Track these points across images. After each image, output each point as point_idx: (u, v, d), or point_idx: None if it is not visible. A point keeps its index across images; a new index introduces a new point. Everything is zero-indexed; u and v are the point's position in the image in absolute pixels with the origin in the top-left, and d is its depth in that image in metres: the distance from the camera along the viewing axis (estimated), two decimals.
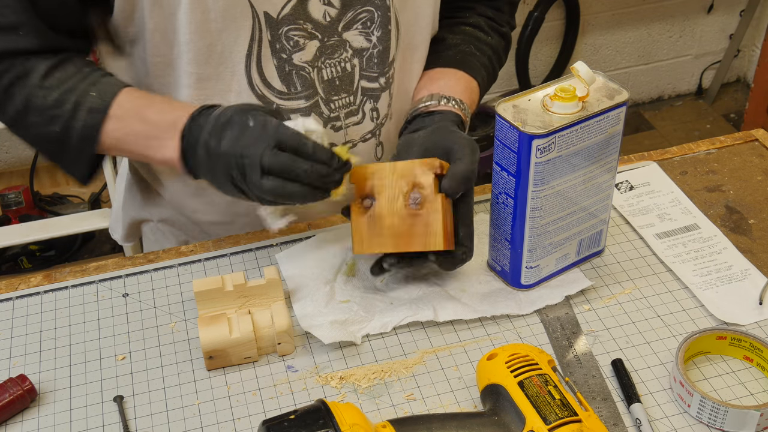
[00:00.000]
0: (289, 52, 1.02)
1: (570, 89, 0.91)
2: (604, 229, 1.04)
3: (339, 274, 1.04)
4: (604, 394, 0.90)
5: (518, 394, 0.82)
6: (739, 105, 3.31)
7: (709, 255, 1.06)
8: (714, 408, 0.85)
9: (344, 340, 0.95)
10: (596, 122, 0.93)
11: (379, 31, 1.05)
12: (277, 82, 1.04)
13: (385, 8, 1.04)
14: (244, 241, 1.12)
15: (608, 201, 1.02)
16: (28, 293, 1.05)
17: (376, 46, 1.06)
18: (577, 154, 0.93)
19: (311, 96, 1.06)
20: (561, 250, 1.01)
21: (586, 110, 0.92)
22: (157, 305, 1.03)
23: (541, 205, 0.95)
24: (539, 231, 0.97)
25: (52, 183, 2.68)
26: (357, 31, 1.05)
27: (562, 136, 0.91)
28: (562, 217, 0.98)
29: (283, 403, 0.90)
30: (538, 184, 0.93)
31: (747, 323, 0.97)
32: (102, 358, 0.96)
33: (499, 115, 0.92)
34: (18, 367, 0.96)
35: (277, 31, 1.00)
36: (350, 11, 1.03)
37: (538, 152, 0.90)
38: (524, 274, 1.00)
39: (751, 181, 1.19)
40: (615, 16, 3.08)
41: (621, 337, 0.96)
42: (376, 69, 1.08)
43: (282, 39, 1.01)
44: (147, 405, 0.91)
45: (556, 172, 0.93)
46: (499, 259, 1.02)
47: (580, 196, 0.97)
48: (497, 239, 1.01)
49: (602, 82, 0.96)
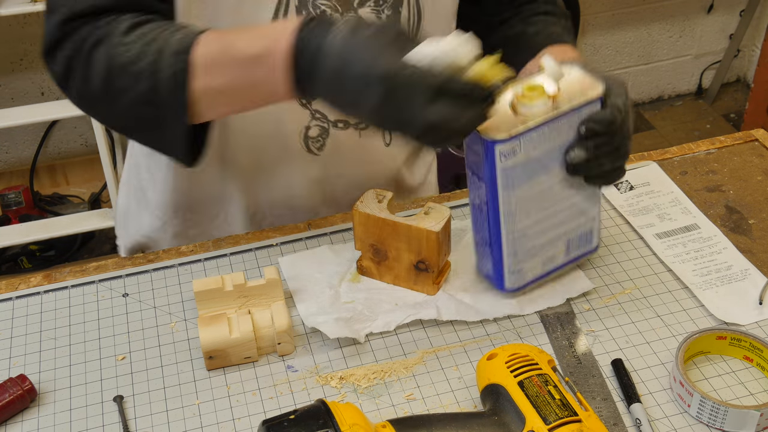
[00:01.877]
0: None
1: (538, 87, 0.86)
2: (594, 226, 1.01)
3: (344, 281, 1.04)
4: (604, 394, 0.90)
5: (518, 394, 0.81)
6: (739, 105, 3.31)
7: (709, 255, 1.06)
8: (714, 408, 0.85)
9: (348, 336, 0.95)
10: (567, 121, 0.88)
11: (390, 11, 1.04)
12: None
13: None
14: (244, 241, 1.12)
15: (595, 197, 0.98)
16: (28, 293, 1.05)
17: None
18: (549, 154, 0.90)
19: None
20: (546, 253, 0.98)
21: (557, 108, 0.87)
22: (157, 305, 1.03)
23: (514, 210, 0.91)
24: (517, 235, 0.94)
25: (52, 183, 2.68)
26: (369, 8, 1.04)
27: (528, 139, 0.87)
28: (542, 219, 0.95)
29: (283, 403, 0.90)
30: (507, 188, 0.89)
31: (747, 323, 0.97)
32: (102, 358, 0.96)
33: None
34: (18, 367, 0.96)
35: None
36: None
37: (502, 157, 0.87)
38: (508, 278, 0.97)
39: (751, 181, 1.19)
40: (615, 16, 3.08)
41: (621, 337, 0.96)
42: None
43: (309, 6, 0.99)
44: (147, 405, 0.91)
45: (525, 175, 0.89)
46: (483, 263, 1.00)
47: (559, 196, 0.94)
48: (479, 244, 0.98)
49: (578, 76, 0.90)
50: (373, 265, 1.02)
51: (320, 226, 1.13)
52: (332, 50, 0.81)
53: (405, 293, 1.02)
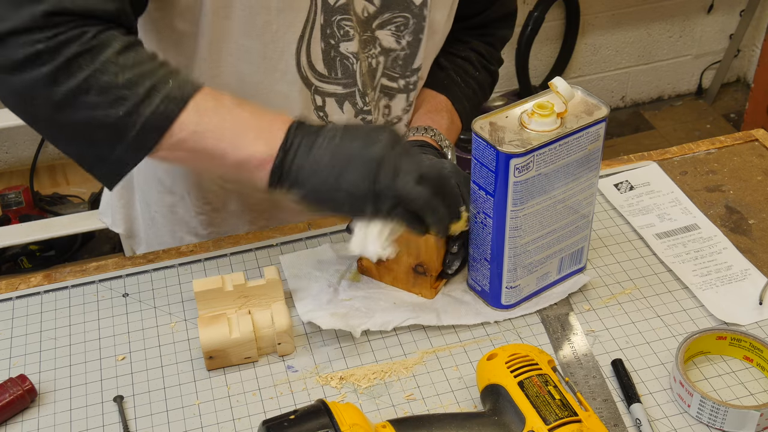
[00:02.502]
0: (337, 40, 1.03)
1: (548, 105, 0.89)
2: (585, 246, 1.02)
3: (343, 279, 1.04)
4: (604, 394, 0.90)
5: (518, 395, 0.81)
6: (739, 105, 3.30)
7: (709, 255, 1.06)
8: (714, 408, 0.85)
9: (343, 329, 0.95)
10: (575, 139, 0.90)
11: (411, 36, 1.08)
12: (321, 64, 1.04)
13: (421, 17, 1.06)
14: (244, 241, 1.12)
15: (589, 218, 1.00)
16: (28, 293, 1.05)
17: (404, 50, 1.09)
18: (556, 172, 0.91)
19: (350, 85, 1.08)
20: (542, 269, 0.99)
21: (565, 127, 0.89)
22: (157, 305, 1.03)
23: (520, 225, 0.92)
24: (519, 251, 0.95)
25: (52, 183, 2.68)
26: (389, 32, 1.06)
27: (540, 155, 0.88)
28: (543, 235, 0.96)
29: (283, 403, 0.90)
30: (516, 203, 0.90)
31: (747, 323, 0.97)
32: (102, 358, 0.96)
33: (476, 133, 0.89)
34: (18, 367, 0.96)
35: (330, 18, 1.01)
36: (387, 12, 1.05)
37: (516, 171, 0.88)
38: (504, 294, 0.98)
39: (751, 181, 1.19)
40: (615, 16, 3.07)
41: (621, 337, 0.96)
42: (398, 71, 1.10)
43: (333, 26, 1.01)
44: (147, 405, 0.91)
45: (535, 191, 0.91)
46: (478, 279, 1.00)
47: (560, 214, 0.95)
48: (476, 259, 0.98)
49: (581, 98, 0.93)
50: (373, 266, 1.03)
51: (320, 225, 1.13)
52: (325, 136, 0.87)
53: (404, 294, 1.02)
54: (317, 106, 1.07)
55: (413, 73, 1.12)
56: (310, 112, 1.08)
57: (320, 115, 1.09)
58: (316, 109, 1.08)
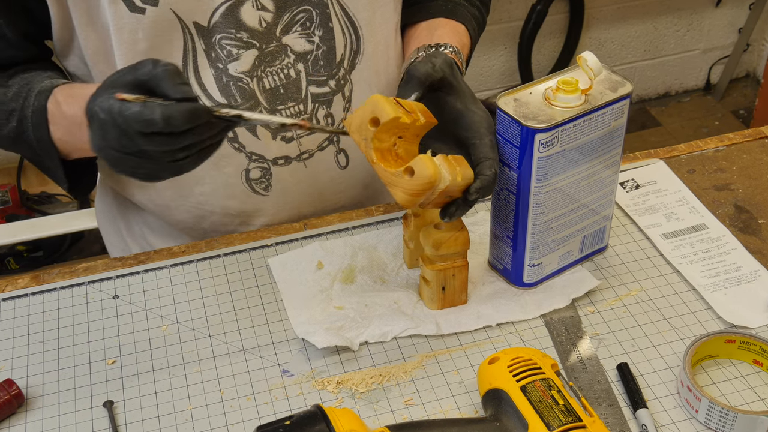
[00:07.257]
0: (224, 62, 1.01)
1: (573, 81, 0.91)
2: (607, 225, 1.03)
3: (336, 281, 1.02)
4: (610, 399, 0.89)
5: (521, 400, 0.81)
6: (748, 101, 3.30)
7: (718, 256, 1.05)
8: (723, 414, 0.84)
9: (340, 345, 0.94)
10: (600, 115, 0.92)
11: (320, 30, 1.03)
12: (217, 93, 1.02)
13: (323, 5, 1.02)
14: (238, 241, 1.10)
15: (611, 197, 1.01)
16: (15, 295, 1.04)
17: (319, 47, 1.04)
18: (580, 148, 0.93)
19: (254, 107, 1.04)
20: (564, 247, 1.00)
21: (589, 103, 0.91)
22: (148, 308, 1.01)
23: (543, 201, 0.94)
24: (542, 228, 0.96)
25: (40, 182, 2.67)
26: (297, 33, 1.03)
27: (565, 130, 0.90)
28: (565, 213, 0.97)
29: (278, 408, 0.89)
30: (540, 179, 0.92)
31: (756, 326, 0.96)
32: (91, 362, 0.95)
33: (500, 109, 0.91)
34: (5, 372, 0.95)
35: (211, 40, 0.99)
36: (286, 13, 1.01)
37: (540, 147, 0.89)
38: (527, 272, 0.99)
39: (761, 180, 1.18)
40: (620, 10, 3.06)
41: (626, 340, 0.95)
42: (323, 72, 1.06)
43: (216, 48, 1.00)
44: (138, 410, 0.90)
45: (559, 167, 0.92)
46: (500, 257, 1.01)
47: (583, 191, 0.97)
48: (499, 237, 1.00)
49: (605, 75, 0.95)
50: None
51: (316, 226, 1.12)
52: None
53: (400, 295, 1.00)
54: (231, 137, 1.05)
55: (338, 68, 1.07)
56: (232, 148, 1.06)
57: (236, 147, 1.07)
58: (230, 140, 1.06)
